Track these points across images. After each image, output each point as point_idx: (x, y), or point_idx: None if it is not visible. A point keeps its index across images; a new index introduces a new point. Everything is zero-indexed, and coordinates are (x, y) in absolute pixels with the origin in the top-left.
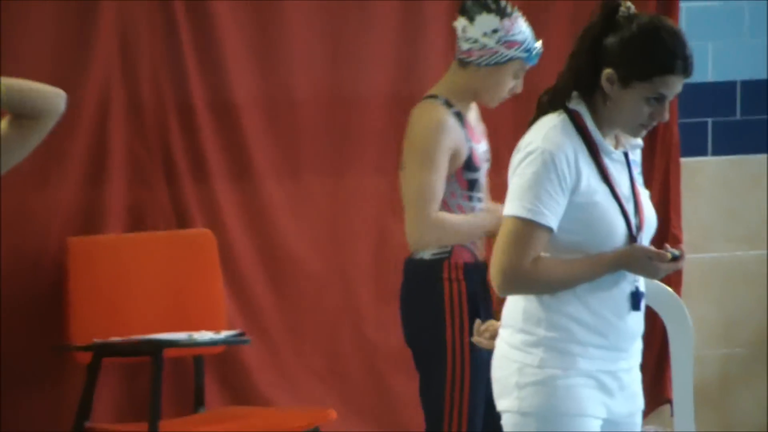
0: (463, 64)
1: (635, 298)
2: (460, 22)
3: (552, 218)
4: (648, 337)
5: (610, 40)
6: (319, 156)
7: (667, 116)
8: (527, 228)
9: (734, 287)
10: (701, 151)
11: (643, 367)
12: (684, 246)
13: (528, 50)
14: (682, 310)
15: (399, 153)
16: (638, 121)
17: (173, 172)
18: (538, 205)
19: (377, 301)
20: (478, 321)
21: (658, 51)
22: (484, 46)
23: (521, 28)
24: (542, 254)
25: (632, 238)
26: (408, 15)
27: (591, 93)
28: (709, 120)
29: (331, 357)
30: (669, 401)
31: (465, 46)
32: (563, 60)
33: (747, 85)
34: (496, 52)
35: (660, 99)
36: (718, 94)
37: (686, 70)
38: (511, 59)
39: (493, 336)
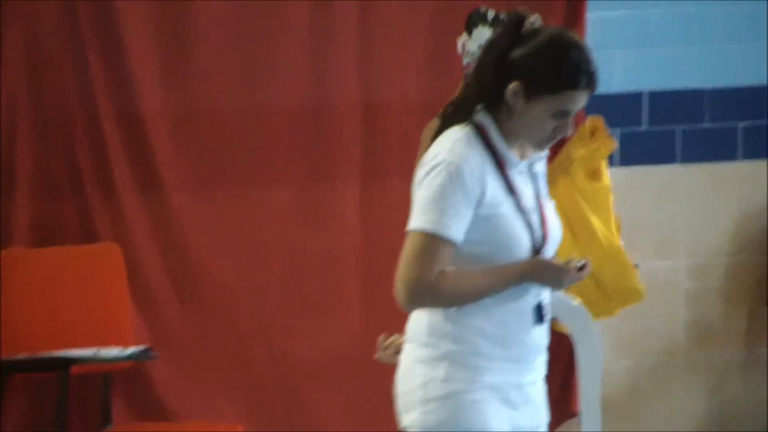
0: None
1: (539, 312)
2: (462, 38)
3: (457, 231)
4: (555, 349)
5: (517, 53)
6: (228, 168)
7: (571, 131)
8: (432, 242)
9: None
10: (609, 162)
11: (550, 380)
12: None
13: None
14: (589, 322)
15: (309, 163)
16: (542, 135)
17: (80, 186)
18: (443, 218)
19: (289, 313)
20: (381, 336)
21: (564, 66)
22: None
23: None
24: (447, 267)
25: (536, 249)
26: (318, 24)
27: (496, 106)
28: (617, 130)
29: (243, 370)
30: (576, 414)
31: (465, 60)
32: None
33: (654, 95)
34: None
35: (564, 113)
36: (625, 105)
37: (591, 85)
38: None
39: (398, 351)
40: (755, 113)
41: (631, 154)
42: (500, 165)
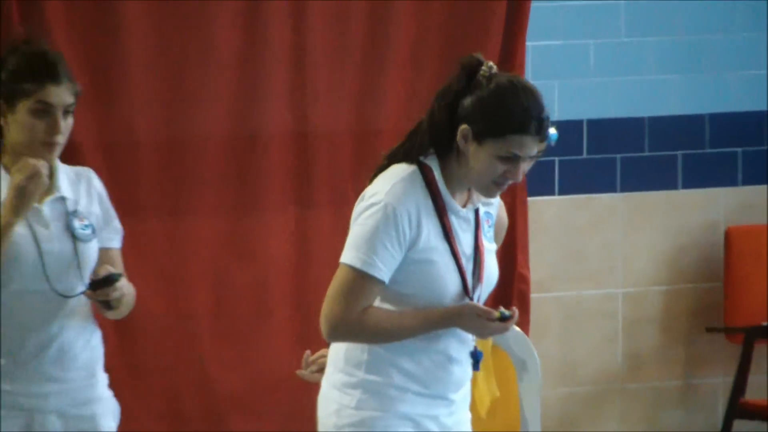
0: None
1: (475, 357)
2: None
3: (386, 272)
4: None
5: (469, 98)
6: (158, 197)
7: (520, 177)
8: (360, 279)
9: (579, 326)
10: (548, 191)
11: None
12: (531, 285)
13: None
14: (529, 349)
15: (239, 193)
16: (490, 179)
17: None
18: (373, 257)
19: (217, 342)
20: (307, 352)
21: (513, 110)
22: None
23: None
24: (374, 304)
25: (467, 296)
26: (250, 52)
27: (447, 150)
28: (556, 159)
29: (172, 398)
30: None
31: None
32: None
33: (593, 123)
34: None
35: (513, 159)
36: (565, 133)
37: (540, 131)
38: None
39: (321, 369)
40: (695, 143)
41: (570, 182)
42: (440, 209)
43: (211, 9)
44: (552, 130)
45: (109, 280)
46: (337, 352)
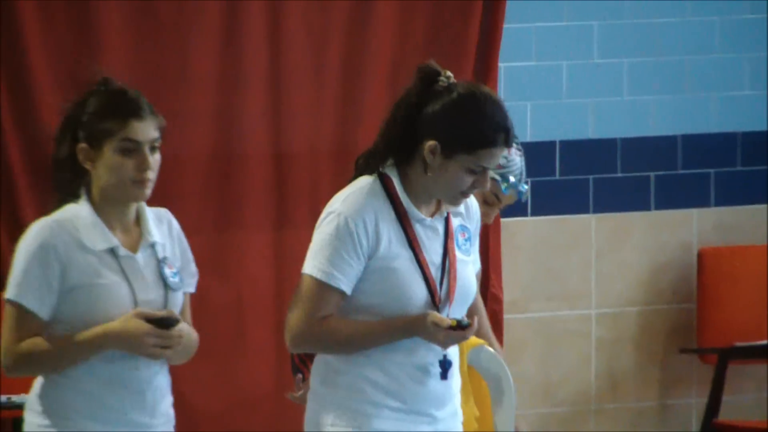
0: None
1: (443, 367)
2: None
3: (344, 281)
4: None
5: (431, 109)
6: None
7: (487, 185)
8: (319, 288)
9: (555, 346)
10: (521, 212)
11: None
12: (505, 305)
13: None
14: (503, 369)
15: (218, 212)
16: (458, 190)
17: None
18: (330, 267)
19: (195, 360)
20: (299, 375)
21: (481, 124)
22: None
23: None
24: (334, 313)
25: (434, 306)
26: (227, 72)
27: (408, 159)
28: (529, 180)
29: None
30: None
31: None
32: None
33: (566, 145)
34: None
35: (482, 170)
36: (537, 155)
37: (508, 142)
38: None
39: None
40: (668, 164)
41: (543, 203)
42: (402, 217)
43: (188, 28)
44: (525, 186)
45: (165, 323)
46: (316, 370)
